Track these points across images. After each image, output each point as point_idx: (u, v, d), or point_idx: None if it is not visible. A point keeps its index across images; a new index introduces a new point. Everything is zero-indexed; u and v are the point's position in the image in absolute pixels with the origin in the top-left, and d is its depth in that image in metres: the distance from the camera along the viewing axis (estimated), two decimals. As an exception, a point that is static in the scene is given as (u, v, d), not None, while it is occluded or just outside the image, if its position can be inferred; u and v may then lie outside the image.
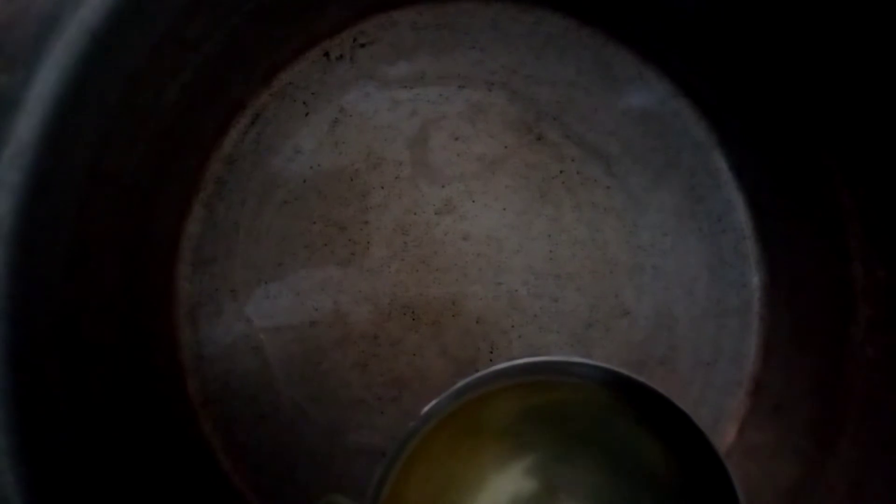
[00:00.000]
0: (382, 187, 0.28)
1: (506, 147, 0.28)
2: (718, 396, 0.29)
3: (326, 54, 0.28)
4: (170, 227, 0.26)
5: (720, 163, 0.29)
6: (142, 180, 0.22)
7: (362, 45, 0.28)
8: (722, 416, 0.29)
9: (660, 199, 0.29)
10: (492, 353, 0.28)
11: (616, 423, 0.23)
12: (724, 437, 0.29)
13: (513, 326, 0.28)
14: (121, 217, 0.22)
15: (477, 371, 0.28)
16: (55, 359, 0.18)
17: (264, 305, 0.27)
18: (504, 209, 0.28)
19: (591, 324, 0.28)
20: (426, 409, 0.21)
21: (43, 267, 0.17)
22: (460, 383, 0.22)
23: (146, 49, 0.19)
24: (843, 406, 0.25)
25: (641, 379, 0.22)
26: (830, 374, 0.26)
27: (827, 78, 0.25)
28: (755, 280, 0.29)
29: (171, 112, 0.22)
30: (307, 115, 0.28)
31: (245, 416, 0.27)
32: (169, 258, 0.27)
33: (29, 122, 0.15)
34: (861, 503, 0.24)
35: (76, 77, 0.15)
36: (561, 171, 0.28)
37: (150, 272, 0.25)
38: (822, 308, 0.27)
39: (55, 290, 0.18)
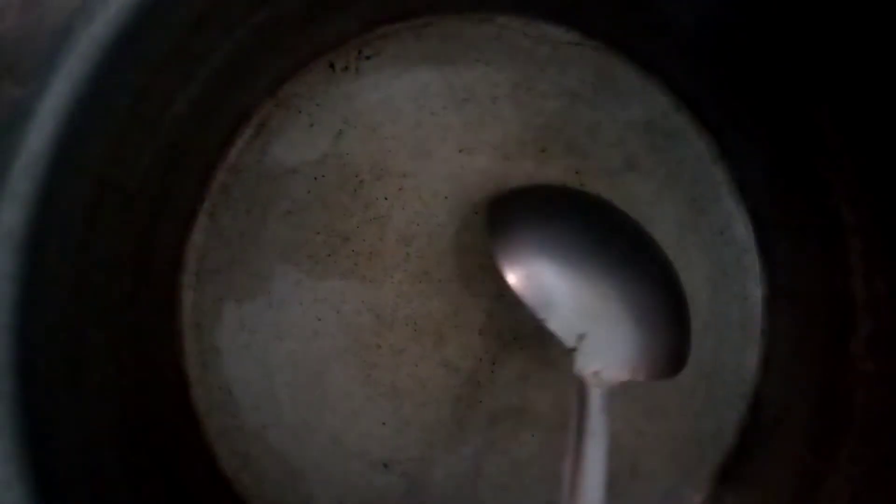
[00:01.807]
0: (386, 198, 0.28)
1: (509, 159, 0.28)
2: (720, 409, 0.29)
3: (331, 66, 0.28)
4: (175, 237, 0.26)
5: (722, 176, 0.29)
6: (148, 191, 0.22)
7: (367, 57, 0.28)
8: (723, 430, 0.29)
9: (662, 212, 0.29)
10: (493, 364, 0.28)
11: None
12: (725, 449, 0.29)
13: (515, 338, 0.28)
14: (127, 227, 0.22)
15: (479, 382, 0.28)
16: (60, 366, 0.18)
17: (268, 315, 0.28)
18: (507, 221, 0.28)
19: (592, 335, 0.28)
20: None
21: (50, 277, 0.17)
22: None
23: (155, 62, 0.19)
24: (845, 419, 0.25)
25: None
26: (831, 387, 0.26)
27: (827, 93, 0.25)
28: (757, 293, 0.29)
29: (178, 123, 0.22)
30: (312, 125, 0.28)
31: (248, 425, 0.27)
32: (173, 267, 0.27)
33: (41, 133, 0.15)
34: (862, 517, 0.24)
35: (87, 89, 0.16)
36: (564, 184, 0.28)
37: (155, 281, 0.25)
38: (823, 321, 0.27)
39: (62, 299, 0.18)
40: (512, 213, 0.27)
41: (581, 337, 0.24)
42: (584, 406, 0.24)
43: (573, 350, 0.24)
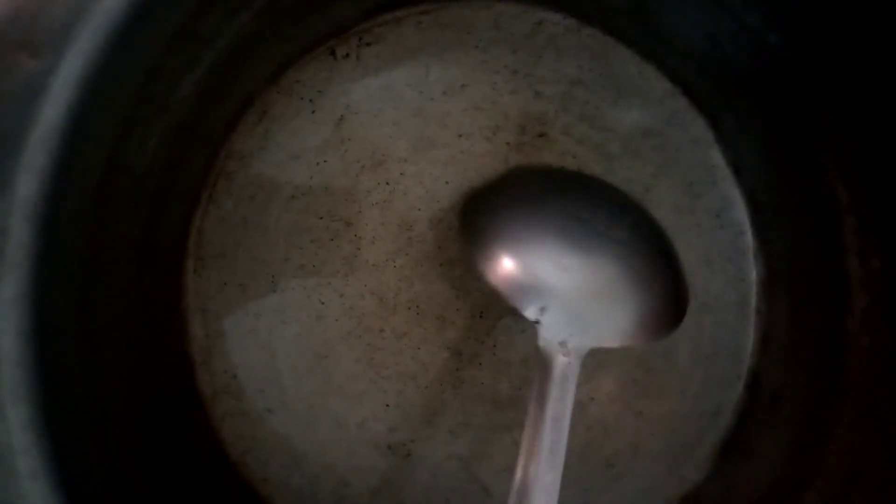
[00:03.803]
0: (387, 183, 0.28)
1: (508, 144, 0.29)
2: (718, 389, 0.29)
3: (333, 53, 0.28)
4: (179, 221, 0.27)
5: (718, 160, 0.29)
6: (154, 173, 0.23)
7: (368, 44, 0.28)
8: (721, 409, 0.29)
9: (659, 196, 0.29)
10: (495, 347, 0.29)
11: None
12: (724, 429, 0.29)
13: (516, 321, 0.29)
14: (134, 209, 0.22)
15: (481, 365, 0.28)
16: (73, 339, 0.18)
17: (272, 300, 0.28)
18: (508, 204, 0.28)
19: (592, 318, 0.29)
20: None
21: (63, 250, 0.17)
22: None
23: (163, 42, 0.19)
24: (841, 396, 0.26)
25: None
26: (828, 364, 0.27)
27: (821, 75, 0.25)
28: (753, 274, 0.29)
29: (184, 106, 0.23)
30: (313, 112, 0.28)
31: (253, 408, 0.28)
32: (178, 252, 0.27)
33: (56, 105, 0.15)
34: (860, 490, 0.24)
35: (100, 63, 0.16)
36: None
37: (161, 264, 0.26)
38: (819, 300, 0.27)
39: (74, 273, 0.18)
40: (477, 204, 0.28)
41: (543, 309, 0.25)
42: (547, 376, 0.24)
43: (537, 322, 0.25)
